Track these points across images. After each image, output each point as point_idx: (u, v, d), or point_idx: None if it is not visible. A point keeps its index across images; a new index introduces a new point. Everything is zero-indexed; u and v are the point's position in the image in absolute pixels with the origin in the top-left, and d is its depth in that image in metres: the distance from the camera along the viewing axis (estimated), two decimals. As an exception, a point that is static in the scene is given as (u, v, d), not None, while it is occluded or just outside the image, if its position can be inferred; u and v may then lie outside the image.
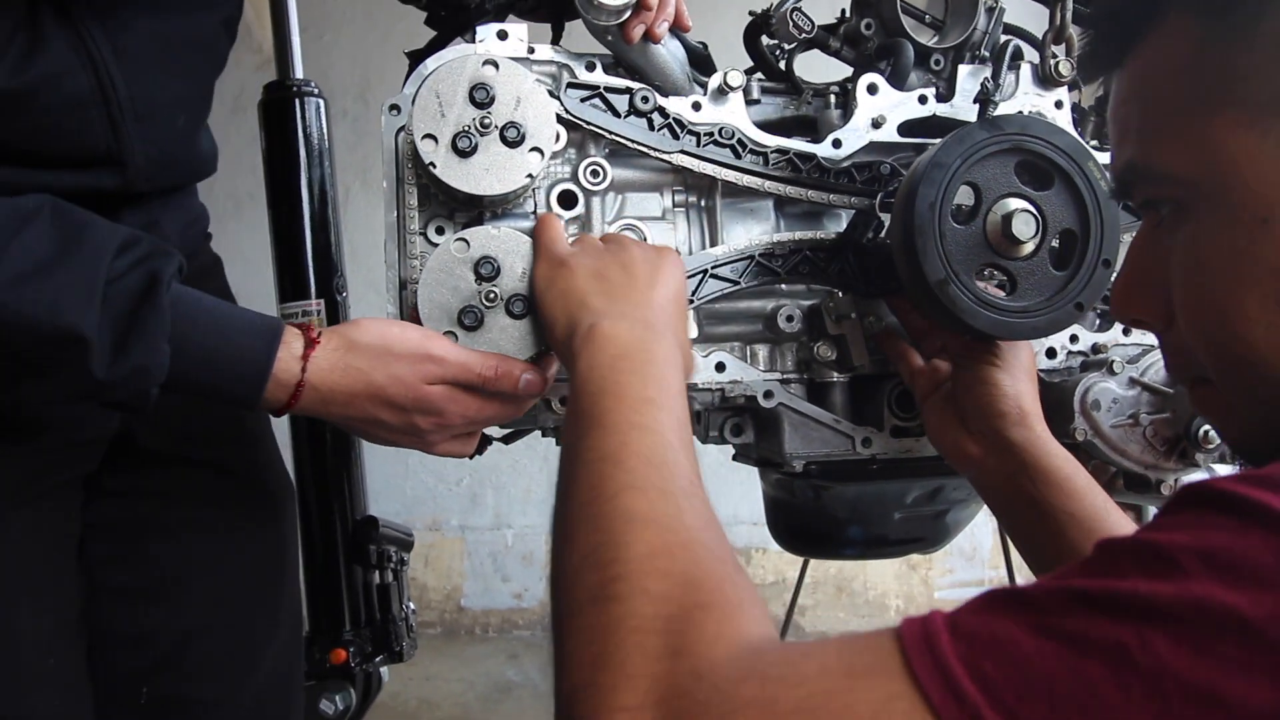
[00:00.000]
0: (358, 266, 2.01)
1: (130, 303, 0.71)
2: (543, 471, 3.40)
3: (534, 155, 0.84)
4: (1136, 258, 0.59)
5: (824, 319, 0.93)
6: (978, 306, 0.81)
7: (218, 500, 1.02)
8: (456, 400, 0.81)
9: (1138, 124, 0.56)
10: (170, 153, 0.90)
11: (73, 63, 0.79)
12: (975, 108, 0.95)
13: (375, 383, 0.79)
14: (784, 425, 0.94)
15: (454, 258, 0.83)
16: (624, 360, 0.66)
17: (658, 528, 0.51)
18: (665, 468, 0.57)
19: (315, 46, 3.16)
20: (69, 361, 0.70)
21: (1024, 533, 0.82)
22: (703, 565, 0.49)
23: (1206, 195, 0.52)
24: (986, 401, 0.84)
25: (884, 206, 0.90)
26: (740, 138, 0.92)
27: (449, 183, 0.83)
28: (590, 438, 0.60)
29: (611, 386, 0.64)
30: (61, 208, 0.73)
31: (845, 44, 1.00)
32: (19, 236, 0.69)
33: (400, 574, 1.94)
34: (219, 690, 1.00)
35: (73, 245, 0.71)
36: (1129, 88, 0.57)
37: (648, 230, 0.92)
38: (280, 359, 0.77)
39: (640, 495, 0.54)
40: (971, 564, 3.25)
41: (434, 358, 0.80)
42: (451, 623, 3.41)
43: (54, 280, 0.69)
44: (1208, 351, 0.54)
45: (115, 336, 0.71)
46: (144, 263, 0.73)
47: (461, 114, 0.83)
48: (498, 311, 0.83)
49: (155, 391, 0.74)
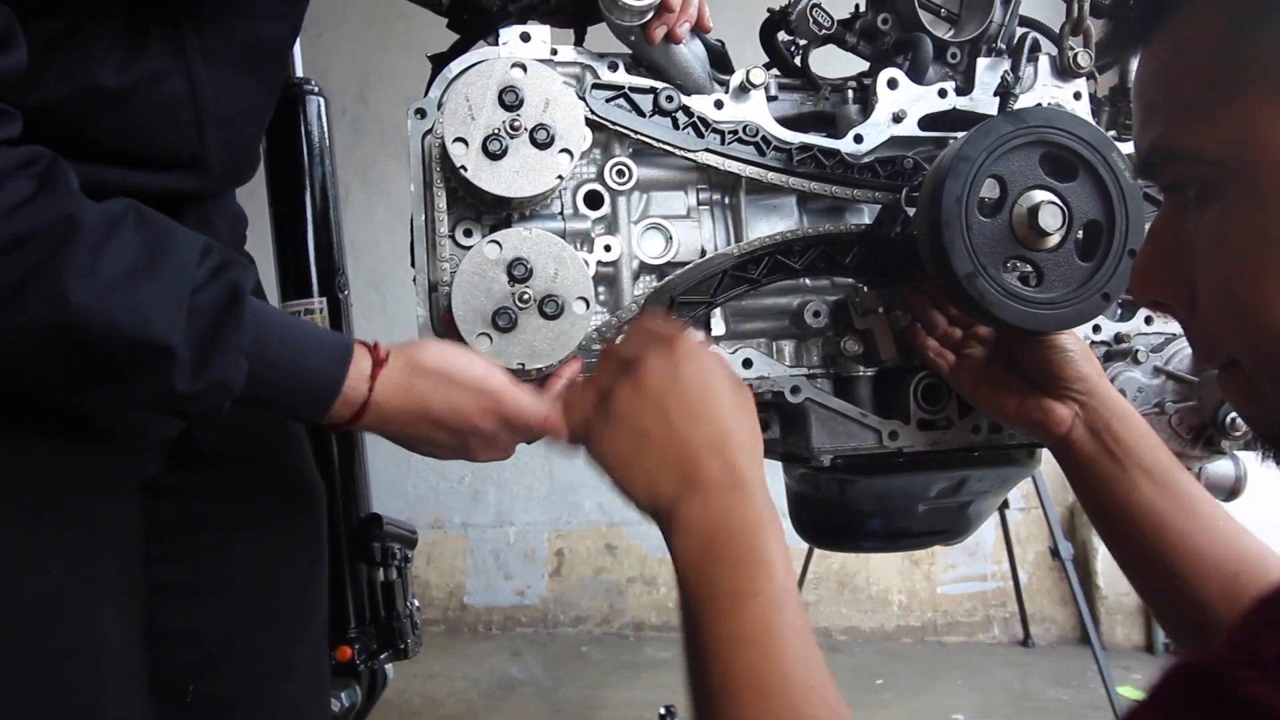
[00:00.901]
0: (357, 266, 2.01)
1: (214, 315, 0.71)
2: (544, 469, 3.40)
3: (563, 156, 0.84)
4: (1158, 239, 0.57)
5: (850, 313, 0.93)
6: (1005, 299, 0.81)
7: (265, 498, 1.02)
8: (507, 430, 0.83)
9: (1163, 103, 0.54)
10: (242, 157, 0.91)
11: (170, 65, 0.79)
12: (995, 100, 0.95)
13: (433, 409, 0.80)
14: (811, 420, 0.94)
15: (487, 260, 0.84)
16: (709, 551, 0.65)
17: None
18: (762, 677, 0.59)
19: (314, 46, 3.15)
20: (152, 372, 0.70)
21: (1100, 492, 0.84)
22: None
23: (1234, 176, 0.50)
24: (1059, 364, 0.85)
25: (909, 201, 0.90)
26: (764, 135, 0.92)
27: (481, 185, 0.83)
28: (691, 651, 0.62)
29: (703, 589, 0.64)
30: (144, 213, 0.72)
31: (861, 39, 1.00)
32: (109, 244, 0.68)
33: (404, 571, 1.94)
34: (262, 689, 1.01)
35: (159, 254, 0.71)
36: (1154, 67, 0.55)
37: (673, 228, 0.92)
38: (349, 378, 0.77)
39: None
40: (974, 559, 3.26)
41: (492, 394, 0.81)
42: (454, 620, 3.42)
43: (144, 290, 0.69)
44: (1234, 336, 0.53)
45: (198, 348, 0.71)
46: (222, 273, 0.73)
47: (491, 117, 0.83)
48: (531, 313, 0.84)
49: (228, 405, 0.74)
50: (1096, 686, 2.53)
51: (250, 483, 1.01)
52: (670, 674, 3.00)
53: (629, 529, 3.38)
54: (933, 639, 3.26)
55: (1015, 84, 0.94)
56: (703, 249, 0.93)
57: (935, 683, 2.89)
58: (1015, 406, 0.88)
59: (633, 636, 3.34)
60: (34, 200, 0.66)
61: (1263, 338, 0.50)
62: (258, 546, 1.01)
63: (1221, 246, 0.51)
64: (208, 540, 0.98)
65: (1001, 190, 0.83)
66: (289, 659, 1.03)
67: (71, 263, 0.66)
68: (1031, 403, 0.87)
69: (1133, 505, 0.81)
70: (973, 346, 0.92)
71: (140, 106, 0.78)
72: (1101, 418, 0.84)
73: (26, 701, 0.78)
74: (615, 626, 3.37)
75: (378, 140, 3.40)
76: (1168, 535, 0.79)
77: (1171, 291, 0.56)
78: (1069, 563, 2.44)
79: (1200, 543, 0.78)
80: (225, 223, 0.98)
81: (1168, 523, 0.79)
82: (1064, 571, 2.55)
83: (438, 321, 0.87)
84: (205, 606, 0.97)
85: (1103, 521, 0.85)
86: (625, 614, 3.37)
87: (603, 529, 3.40)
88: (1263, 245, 0.49)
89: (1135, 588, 0.85)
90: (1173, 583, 0.79)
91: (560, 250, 0.85)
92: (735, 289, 0.91)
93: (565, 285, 0.85)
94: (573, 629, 3.38)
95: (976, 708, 2.71)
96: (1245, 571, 0.76)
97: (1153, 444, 0.83)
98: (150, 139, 0.80)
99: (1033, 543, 3.19)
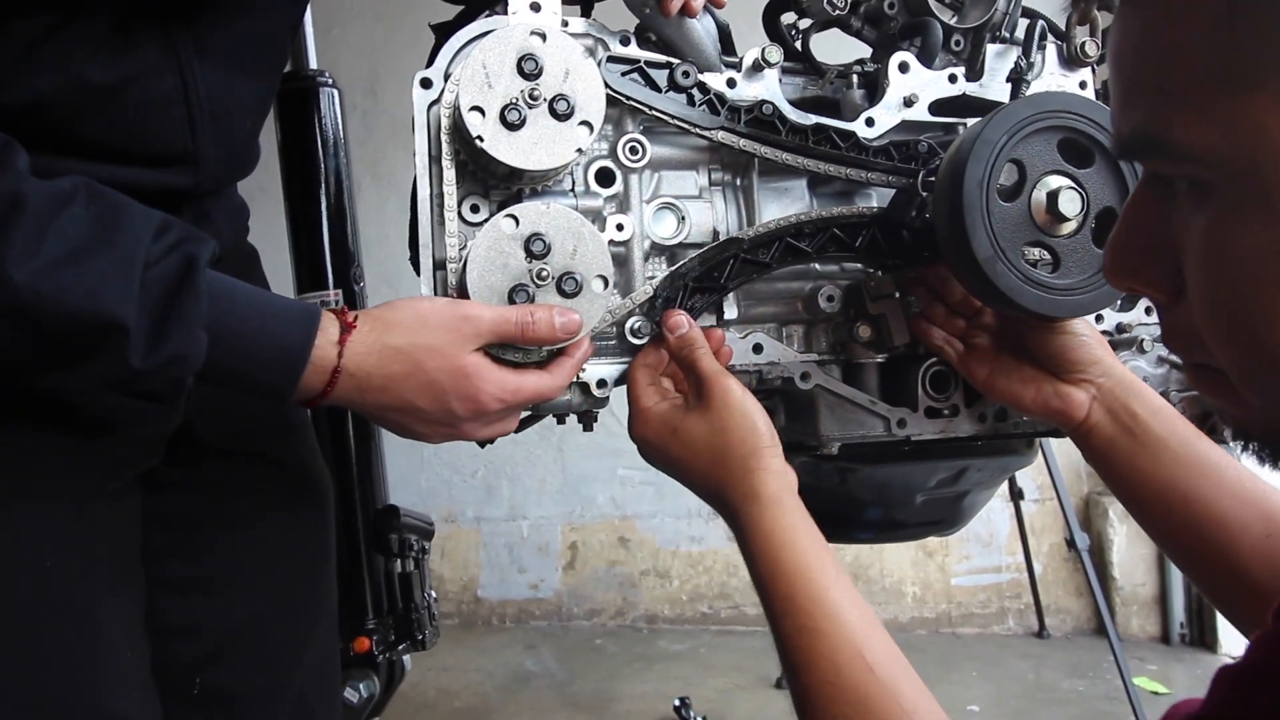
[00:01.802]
0: (369, 259, 2.01)
1: (168, 288, 0.69)
2: (556, 463, 3.41)
3: (583, 129, 0.81)
4: (1138, 218, 0.51)
5: (863, 299, 0.92)
6: (1024, 284, 0.81)
7: (268, 492, 1.01)
8: (492, 376, 0.79)
9: (1151, 83, 0.46)
10: (236, 153, 0.90)
11: (161, 62, 0.78)
12: (1004, 87, 0.95)
13: (413, 359, 0.77)
14: (820, 407, 0.93)
15: (503, 234, 0.81)
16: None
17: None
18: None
19: (323, 40, 3.14)
20: (105, 350, 0.68)
21: (1124, 472, 0.84)
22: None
23: (1236, 180, 0.44)
24: (1073, 349, 0.85)
25: (925, 184, 0.90)
26: (780, 114, 0.91)
27: (498, 156, 0.80)
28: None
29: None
30: (96, 189, 0.71)
31: (866, 23, 1.00)
32: (56, 220, 0.66)
33: (421, 563, 1.95)
34: (269, 681, 1.00)
35: (110, 230, 0.69)
36: (1139, 32, 0.47)
37: (687, 209, 0.91)
38: (317, 345, 0.74)
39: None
40: (988, 550, 3.25)
41: (469, 317, 0.78)
42: (468, 613, 3.43)
43: (92, 266, 0.67)
44: (1225, 348, 0.48)
45: (153, 323, 0.68)
46: (179, 247, 0.71)
47: (510, 85, 0.80)
48: (549, 290, 0.81)
49: (189, 381, 0.72)
50: (1112, 678, 2.52)
51: (253, 476, 1.00)
52: (683, 666, 3.01)
53: (642, 522, 3.38)
54: (947, 631, 3.26)
55: (1028, 70, 0.94)
56: (715, 231, 0.92)
57: (950, 674, 2.89)
58: (1032, 395, 0.87)
59: (646, 629, 3.34)
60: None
61: (1259, 356, 0.46)
62: (261, 540, 1.01)
63: (1221, 256, 0.45)
64: (210, 534, 0.97)
65: (1020, 175, 0.82)
66: (297, 651, 1.03)
67: (15, 241, 0.64)
68: (1048, 390, 0.86)
69: (1157, 480, 0.81)
70: (979, 336, 0.91)
71: (131, 103, 0.77)
72: (1118, 398, 0.84)
73: (24, 695, 0.77)
74: (629, 619, 3.38)
75: (388, 134, 3.40)
76: (1194, 505, 0.79)
77: (1156, 280, 0.51)
78: (1085, 553, 2.43)
79: (1228, 508, 0.78)
80: (224, 216, 0.97)
81: (1193, 492, 0.79)
82: (1079, 562, 2.54)
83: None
84: (209, 600, 0.97)
85: (1130, 499, 0.85)
86: (638, 607, 3.38)
87: (616, 522, 3.40)
88: (1272, 263, 0.43)
89: (1171, 558, 0.86)
90: (1205, 550, 0.79)
91: (579, 226, 0.82)
92: (747, 274, 0.90)
93: (584, 262, 0.82)
94: (586, 622, 3.38)
95: (991, 699, 2.71)
96: (1276, 532, 0.76)
97: (1169, 416, 0.83)
98: (142, 136, 0.79)
99: (1047, 534, 3.18)
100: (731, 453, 0.79)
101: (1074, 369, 0.86)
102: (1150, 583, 3.08)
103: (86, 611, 0.81)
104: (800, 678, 0.70)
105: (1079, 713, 2.63)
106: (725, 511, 0.80)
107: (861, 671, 0.67)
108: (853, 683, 0.67)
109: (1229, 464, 0.80)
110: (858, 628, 0.69)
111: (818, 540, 0.76)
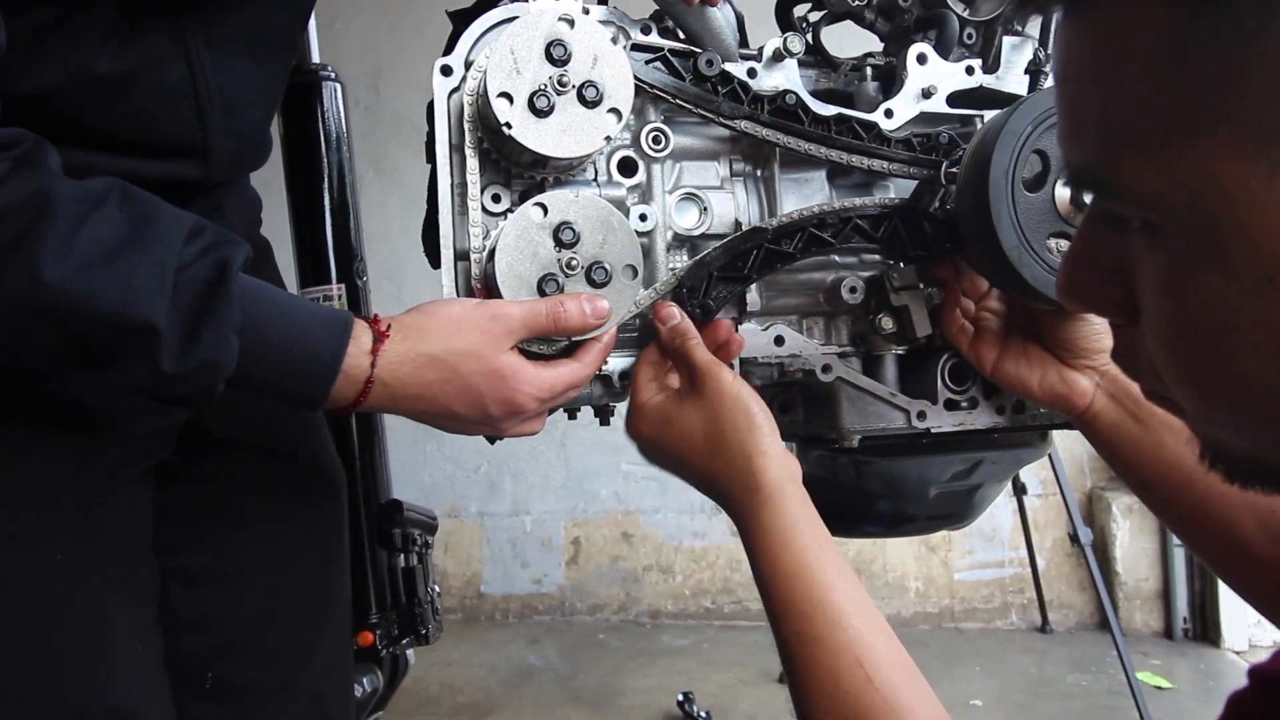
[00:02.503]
0: (372, 255, 2.01)
1: (201, 292, 0.68)
2: (560, 458, 3.40)
3: (611, 116, 0.80)
4: (1091, 240, 0.47)
5: (886, 290, 0.91)
6: (1050, 274, 0.81)
7: (281, 486, 1.01)
8: (528, 376, 0.79)
9: (1100, 121, 0.42)
10: (247, 145, 0.89)
11: (169, 52, 0.78)
12: (1021, 79, 0.95)
13: (449, 365, 0.76)
14: (841, 400, 0.93)
15: (532, 224, 0.80)
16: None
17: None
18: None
19: (326, 35, 3.13)
20: (136, 353, 0.67)
21: (1129, 456, 0.85)
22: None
23: (1191, 232, 0.40)
24: (1085, 338, 0.86)
25: (948, 176, 0.90)
26: (803, 104, 0.90)
27: (526, 144, 0.78)
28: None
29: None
30: (130, 191, 0.70)
31: (880, 16, 0.99)
32: (88, 221, 0.66)
33: (425, 557, 1.94)
34: (280, 676, 1.00)
35: (143, 231, 0.68)
36: (1091, 63, 0.42)
37: (709, 199, 0.91)
38: (349, 354, 0.74)
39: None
40: (991, 545, 3.25)
41: (499, 315, 0.77)
42: (472, 608, 3.43)
43: (125, 267, 0.66)
44: (1182, 388, 0.45)
45: (185, 327, 0.68)
46: (212, 250, 0.70)
47: (538, 71, 0.79)
48: (578, 279, 0.80)
49: (221, 387, 0.72)
50: (1115, 672, 2.52)
51: (265, 470, 1.00)
52: (687, 661, 3.01)
53: (645, 517, 3.38)
54: (950, 625, 3.26)
55: (1047, 63, 0.94)
56: (736, 221, 0.91)
57: (953, 669, 2.88)
58: (1038, 381, 0.87)
59: (649, 624, 3.34)
60: (7, 180, 0.64)
61: (1213, 398, 0.44)
62: (273, 534, 1.00)
63: (1175, 299, 0.42)
64: (222, 527, 0.97)
65: (1044, 165, 0.82)
66: (309, 646, 1.03)
67: (48, 240, 0.64)
68: (1054, 377, 0.87)
69: (1162, 462, 0.82)
70: (986, 318, 0.91)
71: (139, 94, 0.77)
72: (1121, 384, 0.85)
73: (32, 688, 0.77)
74: (632, 614, 3.38)
75: (391, 129, 3.39)
76: (1197, 485, 0.80)
77: (1109, 305, 0.48)
78: (1088, 548, 2.43)
79: (1232, 487, 0.78)
80: (236, 208, 0.97)
81: (1197, 473, 0.79)
82: (1082, 557, 2.54)
83: (464, 292, 0.84)
84: (221, 593, 0.97)
85: (1136, 483, 0.85)
86: (641, 601, 3.38)
87: (619, 517, 3.40)
88: (1230, 320, 0.40)
89: (1178, 538, 0.87)
90: (1211, 528, 0.80)
91: (609, 215, 0.81)
92: (772, 264, 0.89)
93: (613, 252, 0.81)
94: (589, 617, 3.38)
95: (994, 694, 2.71)
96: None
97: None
98: (150, 126, 0.79)
99: (1050, 529, 3.18)
100: (728, 440, 0.77)
101: (1082, 355, 0.86)
102: (1153, 577, 3.08)
103: (94, 605, 0.81)
104: (799, 684, 0.69)
105: (1082, 707, 2.63)
106: (726, 505, 0.79)
107: (860, 682, 0.65)
108: (851, 694, 0.65)
109: None
110: (858, 634, 0.68)
111: (820, 537, 0.73)
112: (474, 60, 0.83)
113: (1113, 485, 3.15)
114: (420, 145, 0.85)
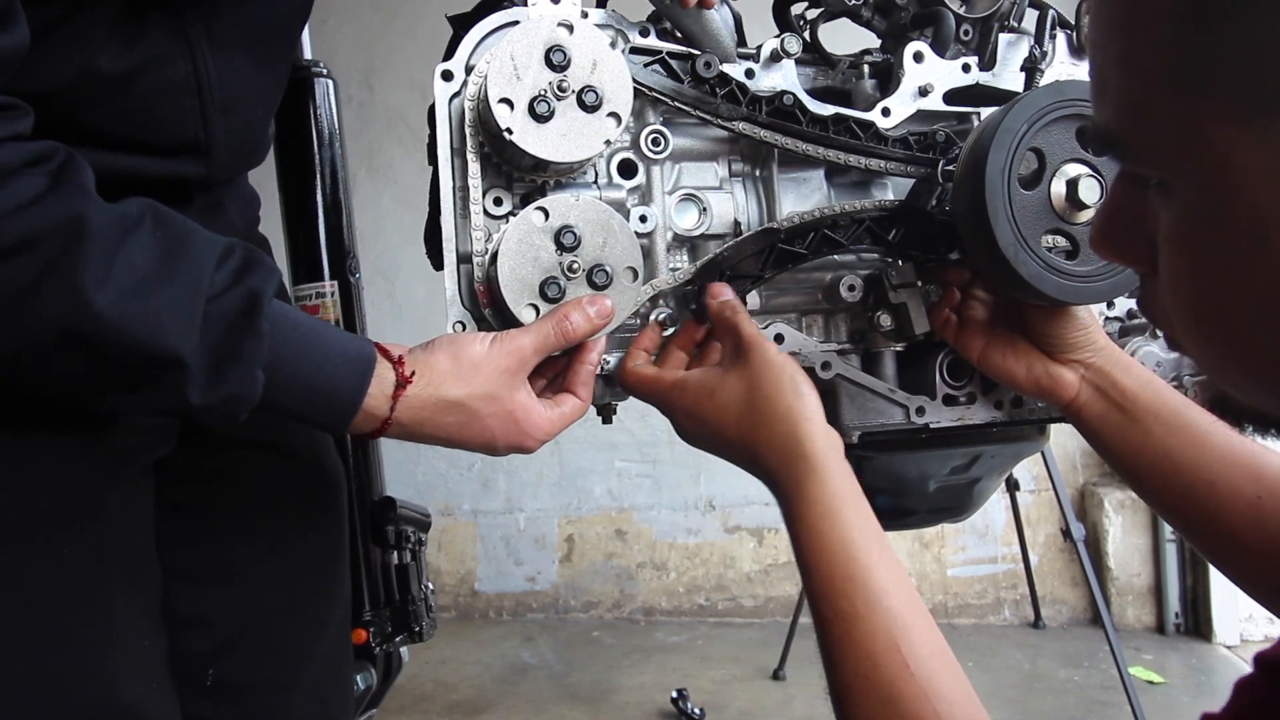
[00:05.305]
0: (365, 252, 2.00)
1: (231, 324, 0.70)
2: (553, 455, 3.40)
3: (610, 120, 0.81)
4: (1120, 196, 0.51)
5: (884, 288, 0.92)
6: (1046, 271, 0.81)
7: (282, 484, 1.01)
8: (536, 420, 0.82)
9: (1117, 84, 0.46)
10: (247, 143, 0.90)
11: (172, 50, 0.78)
12: (1017, 76, 0.96)
13: (469, 409, 0.79)
14: (840, 396, 0.93)
15: (534, 228, 0.81)
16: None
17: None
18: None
19: (319, 32, 3.14)
20: (164, 381, 0.69)
21: (1116, 447, 0.85)
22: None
23: (1195, 190, 0.43)
24: (1073, 333, 0.87)
25: (945, 174, 0.90)
26: (800, 105, 0.91)
27: (527, 149, 0.80)
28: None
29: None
30: (162, 215, 0.71)
31: (876, 13, 1.00)
32: (124, 248, 0.67)
33: (418, 554, 1.94)
34: (283, 673, 1.00)
35: (175, 258, 0.69)
36: (1109, 35, 0.46)
37: (708, 199, 0.91)
38: (370, 395, 0.76)
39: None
40: (984, 541, 3.26)
41: (513, 351, 0.80)
42: (465, 606, 3.43)
43: (157, 296, 0.67)
44: (1193, 340, 0.48)
45: (212, 361, 0.69)
46: (243, 277, 0.71)
47: (538, 77, 0.80)
48: (580, 282, 0.82)
49: (244, 415, 0.73)
50: (1108, 667, 2.53)
51: (266, 467, 1.00)
52: (681, 658, 3.01)
53: (639, 515, 3.39)
54: (943, 621, 3.27)
55: (1043, 59, 0.95)
56: (735, 222, 0.92)
57: (946, 665, 2.90)
58: (1024, 373, 0.88)
59: (643, 621, 3.35)
60: (42, 199, 0.65)
61: (1222, 350, 0.46)
62: (274, 531, 1.00)
63: (1184, 254, 0.45)
64: (222, 524, 0.97)
65: (1040, 163, 0.83)
66: (310, 644, 1.03)
67: (89, 265, 0.65)
68: (1039, 370, 0.88)
69: (1148, 452, 0.83)
70: (973, 308, 0.91)
71: (141, 92, 0.77)
72: (1106, 375, 0.86)
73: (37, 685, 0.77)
74: (626, 611, 3.38)
75: (383, 127, 3.38)
76: (1184, 473, 0.81)
77: (1135, 254, 0.51)
78: (1080, 544, 2.44)
79: (1218, 474, 0.80)
80: (236, 206, 0.97)
81: (1184, 461, 0.81)
82: (1074, 553, 2.55)
83: (467, 296, 0.85)
84: (223, 590, 0.97)
85: (1126, 473, 0.86)
86: (636, 599, 3.38)
87: (613, 514, 3.40)
88: (1228, 279, 0.43)
89: (1170, 525, 0.90)
90: (1199, 515, 0.81)
91: (609, 218, 0.82)
92: (784, 264, 0.90)
93: (614, 254, 0.82)
94: (584, 614, 3.38)
95: (987, 689, 2.72)
96: (1266, 494, 0.77)
97: (1159, 389, 0.84)
98: (152, 125, 0.79)
99: (1043, 525, 3.19)
100: (774, 407, 0.77)
101: (1068, 350, 0.87)
102: (1145, 573, 3.10)
103: (99, 601, 0.81)
104: (834, 663, 0.67)
105: (1075, 702, 2.64)
106: (768, 478, 0.78)
107: (897, 666, 0.64)
108: (887, 677, 0.64)
109: (1219, 430, 0.81)
110: (898, 616, 0.67)
111: (863, 513, 0.73)
112: (474, 65, 0.84)
113: (1105, 481, 3.17)
114: (413, 142, 0.86)
